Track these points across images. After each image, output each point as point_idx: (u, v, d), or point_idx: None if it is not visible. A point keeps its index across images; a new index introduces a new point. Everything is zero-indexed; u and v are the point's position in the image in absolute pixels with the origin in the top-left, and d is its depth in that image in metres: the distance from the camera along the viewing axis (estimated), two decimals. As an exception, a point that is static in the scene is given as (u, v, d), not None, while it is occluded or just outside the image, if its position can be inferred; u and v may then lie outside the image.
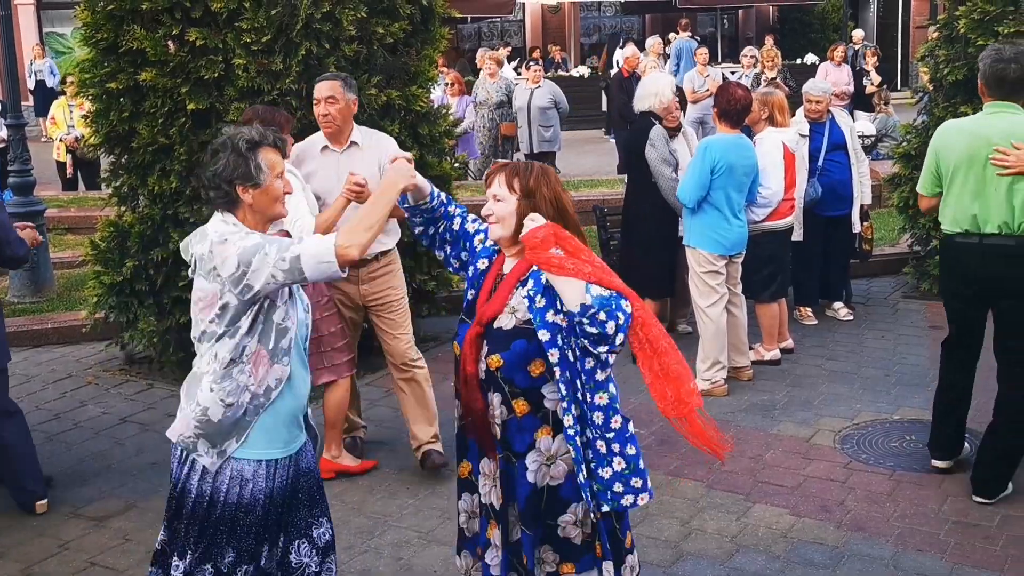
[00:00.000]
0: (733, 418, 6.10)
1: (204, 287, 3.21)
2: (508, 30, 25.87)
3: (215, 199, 3.27)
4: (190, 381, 3.36)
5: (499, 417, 3.27)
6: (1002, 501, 4.94)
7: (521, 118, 13.34)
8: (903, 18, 27.07)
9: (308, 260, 3.12)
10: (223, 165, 3.21)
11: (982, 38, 7.96)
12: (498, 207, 3.28)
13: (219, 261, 3.15)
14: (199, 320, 3.27)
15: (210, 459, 3.28)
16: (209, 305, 3.21)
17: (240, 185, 3.22)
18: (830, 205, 7.56)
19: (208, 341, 3.26)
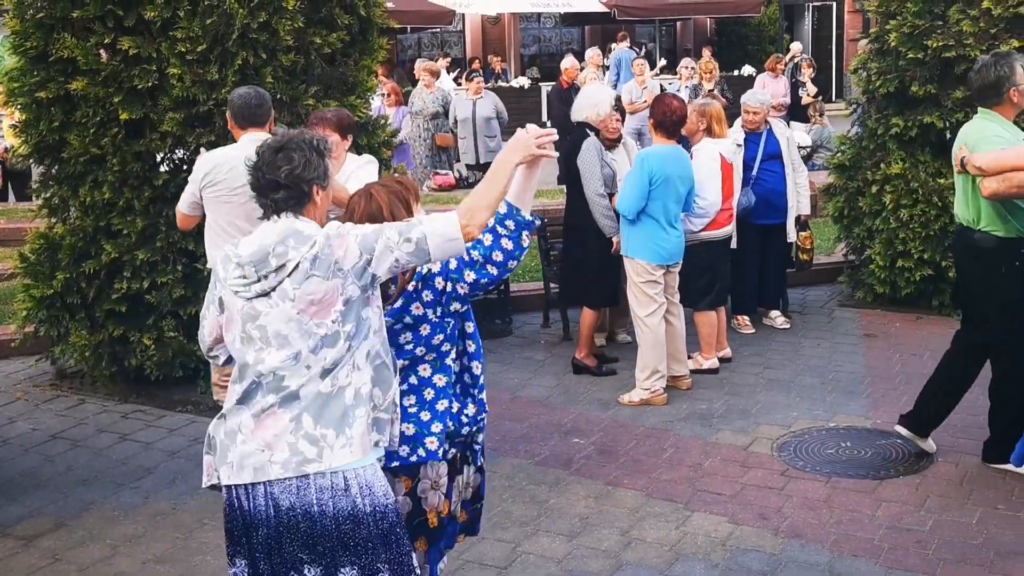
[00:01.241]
0: (672, 427, 6.13)
1: (320, 287, 3.02)
2: (448, 40, 25.87)
3: (285, 199, 3.10)
4: (326, 405, 3.05)
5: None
6: (933, 507, 5.02)
7: (465, 129, 13.35)
8: (837, 31, 27.55)
9: (435, 239, 3.04)
10: (302, 164, 3.09)
11: (912, 51, 8.13)
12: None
13: (340, 253, 3.02)
14: (311, 329, 3.03)
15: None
16: (329, 304, 3.03)
17: (317, 184, 3.14)
18: (764, 214, 7.64)
19: (332, 346, 3.04)
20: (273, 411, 3.05)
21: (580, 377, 7.02)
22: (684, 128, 6.93)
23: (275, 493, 3.03)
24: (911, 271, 8.07)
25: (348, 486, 3.04)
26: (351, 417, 3.06)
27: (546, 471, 5.57)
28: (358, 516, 3.04)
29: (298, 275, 3.01)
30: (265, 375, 3.06)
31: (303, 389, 3.03)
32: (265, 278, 3.05)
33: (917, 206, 8.00)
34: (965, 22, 7.93)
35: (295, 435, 3.02)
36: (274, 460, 3.02)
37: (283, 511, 3.03)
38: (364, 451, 3.07)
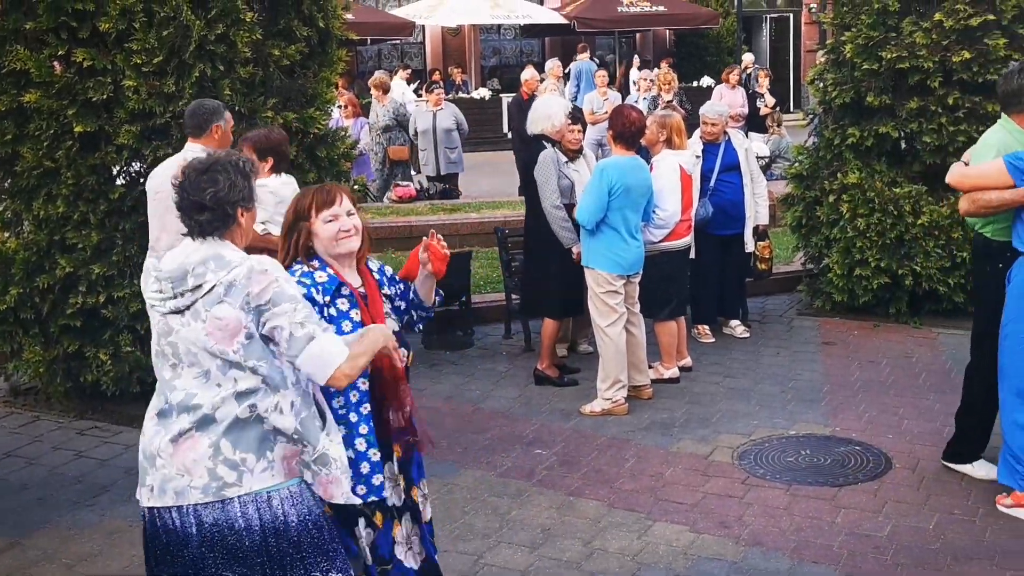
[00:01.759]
0: (633, 436, 6.15)
1: (228, 314, 3.02)
2: (408, 52, 25.86)
3: (209, 222, 3.09)
4: (245, 430, 3.06)
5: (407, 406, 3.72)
6: (891, 513, 5.07)
7: (425, 141, 13.33)
8: (794, 43, 27.86)
9: (313, 351, 3.03)
10: (227, 187, 3.08)
11: (867, 62, 8.23)
12: (356, 221, 3.60)
13: (256, 289, 3.03)
14: (216, 352, 3.04)
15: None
16: (233, 334, 3.03)
17: (241, 207, 3.13)
18: (722, 225, 7.69)
19: (241, 371, 3.06)
20: (191, 435, 3.05)
21: (542, 388, 7.02)
22: (644, 139, 6.97)
23: (198, 511, 3.04)
24: (868, 279, 8.15)
25: (271, 501, 3.07)
26: (272, 442, 3.08)
27: (508, 483, 5.56)
28: (284, 529, 3.07)
29: (211, 298, 3.03)
30: (178, 393, 3.07)
31: (218, 412, 3.04)
32: (181, 295, 3.06)
33: (874, 215, 8.08)
34: (918, 34, 8.04)
35: (214, 460, 3.03)
36: (193, 485, 3.03)
37: (206, 527, 3.04)
38: (287, 475, 3.10)
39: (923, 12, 8.22)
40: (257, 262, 3.07)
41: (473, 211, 11.81)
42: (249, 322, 3.03)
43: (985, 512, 5.03)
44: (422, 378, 7.31)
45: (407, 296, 3.86)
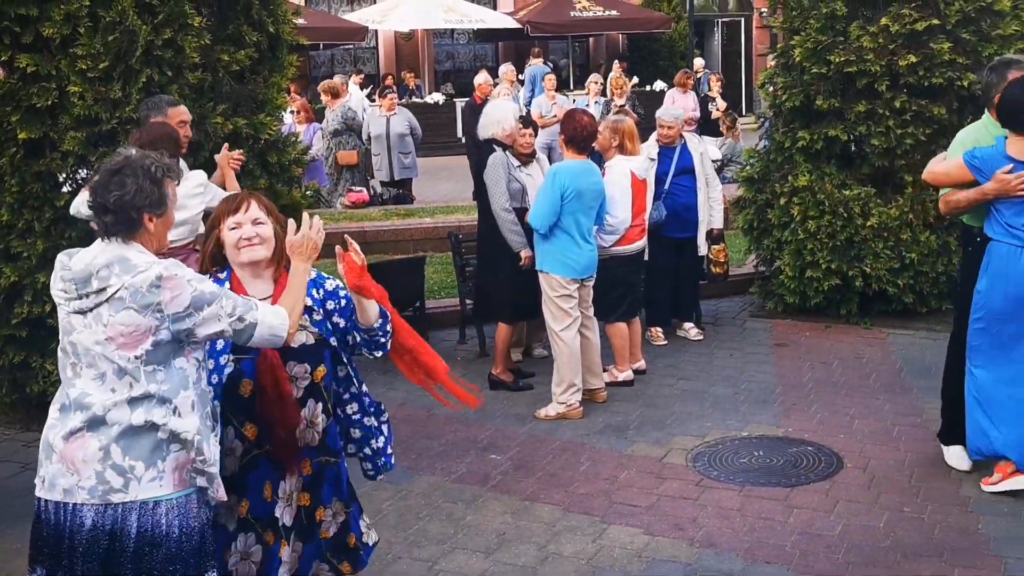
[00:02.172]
0: (588, 440, 6.16)
1: (133, 320, 3.00)
2: (361, 57, 25.75)
3: (113, 224, 3.08)
4: (137, 437, 3.05)
5: (320, 424, 3.62)
6: (843, 512, 5.12)
7: (379, 146, 13.29)
8: (746, 46, 28.11)
9: (263, 329, 3.17)
10: (133, 191, 3.05)
11: (816, 66, 8.32)
12: (262, 229, 3.49)
13: (167, 297, 2.99)
14: (114, 357, 3.02)
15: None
16: (138, 340, 3.01)
17: (149, 212, 3.10)
18: (676, 227, 7.71)
19: (137, 378, 3.04)
20: (82, 434, 3.06)
21: (497, 393, 7.01)
22: (597, 144, 6.99)
23: (82, 511, 3.06)
24: (819, 281, 8.23)
25: (155, 510, 3.07)
26: (164, 452, 3.07)
27: (463, 488, 5.55)
28: (161, 538, 3.07)
29: (115, 303, 3.02)
30: (75, 391, 3.09)
31: (109, 414, 3.04)
32: (85, 297, 3.05)
33: (824, 217, 8.17)
34: (865, 38, 8.14)
35: (103, 464, 3.04)
36: (81, 485, 3.05)
37: (87, 528, 3.06)
38: (177, 485, 3.10)
39: (870, 17, 8.32)
40: (164, 267, 3.06)
41: (427, 216, 11.79)
42: (160, 329, 3.01)
43: (934, 510, 5.10)
44: (376, 385, 7.24)
45: (346, 313, 3.65)
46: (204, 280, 3.14)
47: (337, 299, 3.65)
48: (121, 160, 3.13)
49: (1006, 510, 5.07)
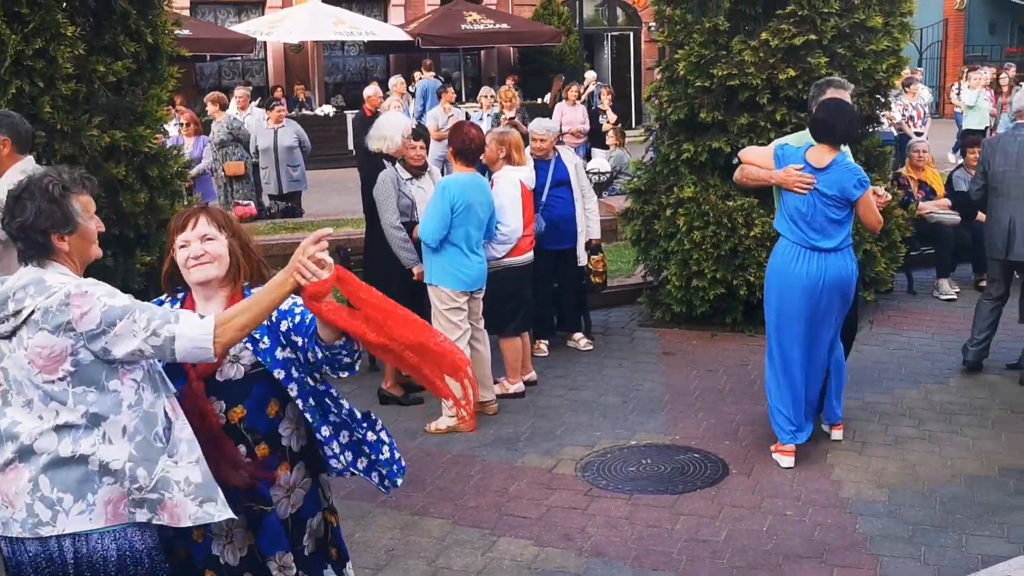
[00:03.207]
0: (479, 452, 6.15)
1: (48, 342, 2.87)
2: (250, 69, 25.35)
3: (24, 250, 2.97)
4: (64, 468, 2.91)
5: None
6: (727, 517, 5.21)
7: (267, 159, 13.07)
8: (635, 60, 28.55)
9: (183, 343, 2.89)
10: (33, 215, 2.92)
11: (699, 80, 8.49)
12: (212, 246, 3.22)
13: (76, 314, 2.86)
14: (38, 381, 2.90)
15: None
16: (57, 361, 2.88)
17: (55, 233, 2.97)
18: (554, 239, 7.76)
19: (63, 403, 2.91)
20: (14, 465, 2.95)
21: (387, 407, 6.95)
22: (484, 157, 7.00)
23: (21, 543, 2.95)
24: (705, 290, 8.39)
25: (89, 539, 2.94)
26: (95, 484, 2.94)
27: (352, 505, 5.47)
28: (102, 566, 2.95)
29: (31, 325, 2.91)
30: (5, 420, 2.97)
31: (37, 443, 2.92)
32: (4, 321, 2.95)
33: (709, 228, 8.32)
34: (746, 52, 8.34)
35: (32, 496, 2.93)
36: (15, 518, 2.94)
37: (30, 557, 2.94)
38: (111, 519, 2.96)
39: (751, 31, 8.53)
40: (75, 285, 2.94)
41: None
42: (77, 348, 2.89)
43: (815, 512, 5.23)
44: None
45: (302, 329, 3.22)
46: (118, 295, 2.97)
47: (292, 316, 3.24)
48: (24, 182, 3.02)
49: (882, 510, 5.23)
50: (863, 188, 5.66)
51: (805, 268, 5.67)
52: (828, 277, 5.66)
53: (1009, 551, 4.74)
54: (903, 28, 8.68)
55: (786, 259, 5.73)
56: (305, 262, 2.90)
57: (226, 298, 3.26)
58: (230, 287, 3.28)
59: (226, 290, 3.28)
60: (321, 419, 3.30)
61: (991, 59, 27.15)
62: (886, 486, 5.52)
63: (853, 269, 5.81)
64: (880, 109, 9.09)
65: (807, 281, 5.65)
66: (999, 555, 4.70)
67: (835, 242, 5.67)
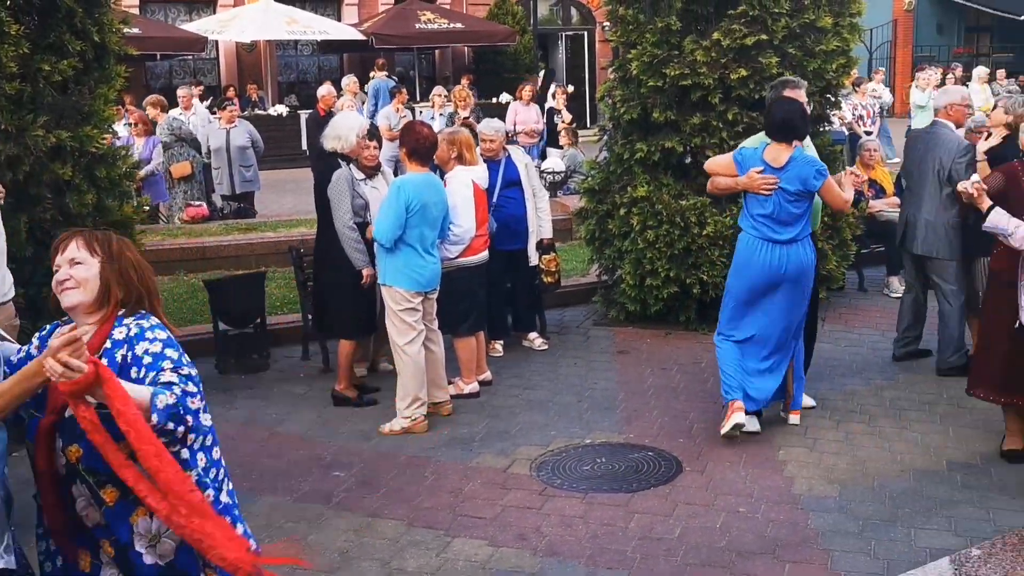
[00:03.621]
0: (433, 453, 6.13)
1: None
2: (201, 68, 25.09)
3: None
4: None
5: (92, 510, 2.97)
6: (681, 515, 5.24)
7: (219, 159, 12.96)
8: (590, 60, 28.64)
9: None
10: None
11: (652, 79, 8.52)
12: (78, 271, 3.02)
13: None
14: None
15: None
16: None
17: None
18: (506, 240, 7.74)
19: None
20: None
21: (341, 409, 6.91)
22: (436, 157, 6.98)
23: None
24: (659, 289, 8.42)
25: None
26: None
27: (305, 507, 5.44)
28: None
29: None
30: None
31: None
32: None
33: (662, 227, 8.35)
34: (698, 52, 8.38)
35: None
36: None
37: None
38: None
39: (703, 31, 8.57)
40: None
41: (269, 230, 11.55)
42: None
43: (767, 508, 5.27)
44: (215, 404, 7.01)
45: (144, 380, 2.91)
46: None
47: (140, 366, 2.94)
48: None
49: (833, 505, 5.29)
50: (823, 177, 5.96)
51: (768, 258, 6.00)
52: (790, 265, 5.99)
53: (956, 544, 4.81)
54: (852, 28, 8.77)
55: (749, 250, 6.07)
56: (51, 363, 2.65)
57: (96, 324, 3.03)
58: (100, 313, 3.05)
59: (95, 316, 3.05)
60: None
61: (939, 59, 27.57)
62: (837, 482, 5.58)
63: (812, 258, 6.10)
64: (830, 109, 9.19)
65: (769, 270, 5.99)
66: (946, 548, 4.77)
67: (795, 232, 6.00)
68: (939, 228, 7.19)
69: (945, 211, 7.15)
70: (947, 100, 7.46)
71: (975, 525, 5.04)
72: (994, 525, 5.03)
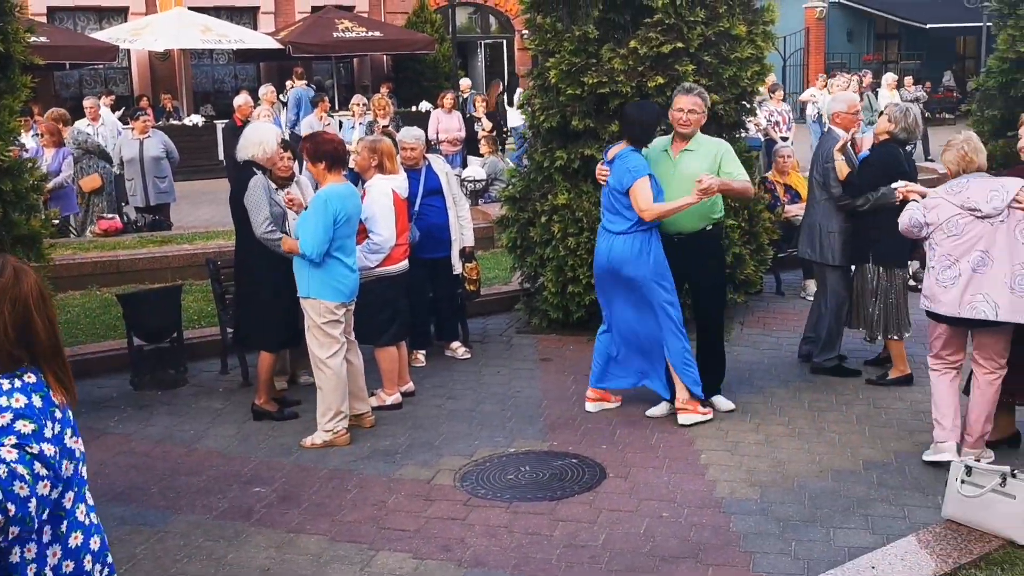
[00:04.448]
0: (356, 466, 6.05)
1: None
2: (113, 77, 24.60)
3: None
4: None
5: None
6: (605, 521, 5.25)
7: (132, 170, 12.67)
8: (509, 68, 28.74)
9: None
10: None
11: (570, 88, 8.55)
12: None
13: None
14: None
15: None
16: None
17: None
18: (429, 248, 7.72)
19: None
20: None
21: (261, 423, 6.79)
22: (356, 165, 6.90)
23: None
24: (580, 296, 8.45)
25: None
26: None
27: (225, 525, 5.32)
28: None
29: None
30: None
31: None
32: None
33: (583, 234, 8.39)
34: (616, 60, 8.44)
35: None
36: None
37: None
38: None
39: (620, 40, 8.63)
40: None
41: (186, 242, 11.34)
42: None
43: (690, 512, 5.30)
44: (131, 422, 6.91)
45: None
46: None
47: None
48: None
49: (754, 508, 5.34)
50: (632, 178, 6.33)
51: (602, 246, 6.58)
52: (612, 255, 6.47)
53: (873, 542, 4.90)
54: (766, 36, 8.91)
55: (599, 239, 6.65)
56: None
57: None
58: None
59: None
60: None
61: (850, 66, 28.22)
62: (758, 484, 5.64)
63: (629, 257, 6.40)
64: (746, 115, 9.32)
65: (600, 258, 6.58)
66: (864, 546, 4.85)
67: (624, 226, 6.42)
68: (816, 232, 7.40)
69: (822, 217, 7.36)
70: (835, 108, 7.64)
71: (891, 523, 5.14)
72: (908, 522, 5.13)
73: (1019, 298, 5.37)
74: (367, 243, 6.81)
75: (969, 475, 4.84)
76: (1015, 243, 5.39)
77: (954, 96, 30.09)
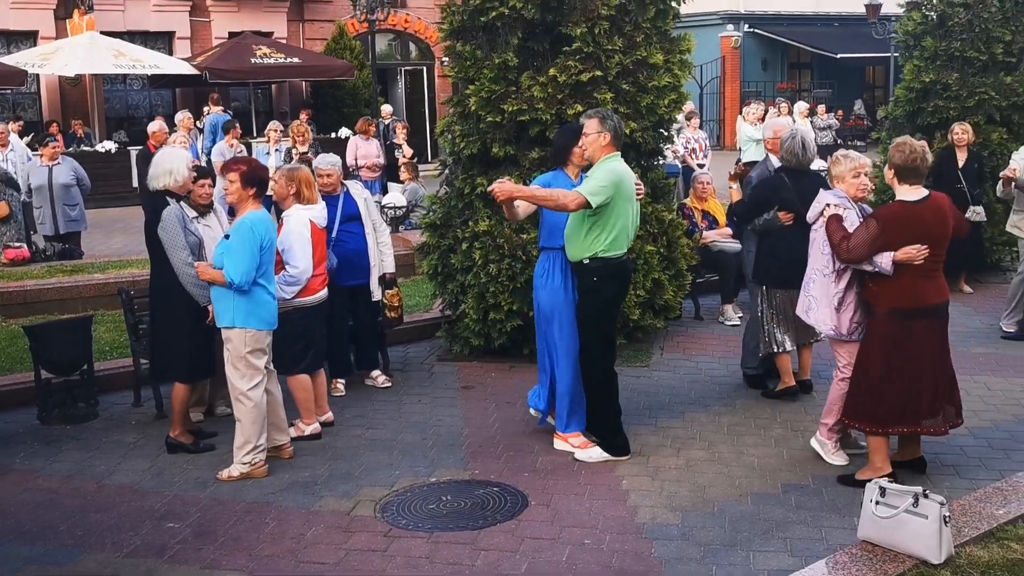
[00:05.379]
0: (274, 499, 5.93)
1: None
2: (21, 103, 24.00)
3: None
4: None
5: None
6: (528, 550, 5.21)
7: (40, 198, 12.37)
8: (429, 94, 28.74)
9: None
10: None
11: (491, 115, 8.57)
12: None
13: None
14: None
15: None
16: None
17: None
18: (348, 275, 7.63)
19: None
20: None
21: (176, 456, 6.63)
22: (274, 194, 6.80)
23: None
24: (502, 322, 8.44)
25: None
26: None
27: (136, 563, 5.16)
28: None
29: None
30: None
31: None
32: None
33: (504, 260, 8.38)
34: (535, 88, 8.49)
35: None
36: None
37: None
38: None
39: (539, 67, 8.69)
40: None
41: (97, 271, 11.08)
42: None
43: (612, 539, 5.30)
44: (38, 457, 6.69)
45: None
46: None
47: None
48: None
49: (676, 533, 5.36)
50: None
51: None
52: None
53: (792, 564, 4.94)
54: (683, 65, 9.05)
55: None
56: None
57: None
58: None
59: None
60: None
61: (765, 94, 28.84)
62: (679, 509, 5.66)
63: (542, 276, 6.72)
64: (664, 143, 9.43)
65: None
66: (783, 569, 4.89)
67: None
68: (744, 252, 8.07)
69: (747, 238, 7.96)
70: (765, 135, 8.22)
71: (809, 545, 5.19)
72: (826, 544, 5.19)
73: (806, 297, 6.11)
74: (283, 275, 6.69)
75: (883, 496, 4.92)
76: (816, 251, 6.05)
77: (865, 124, 30.90)
